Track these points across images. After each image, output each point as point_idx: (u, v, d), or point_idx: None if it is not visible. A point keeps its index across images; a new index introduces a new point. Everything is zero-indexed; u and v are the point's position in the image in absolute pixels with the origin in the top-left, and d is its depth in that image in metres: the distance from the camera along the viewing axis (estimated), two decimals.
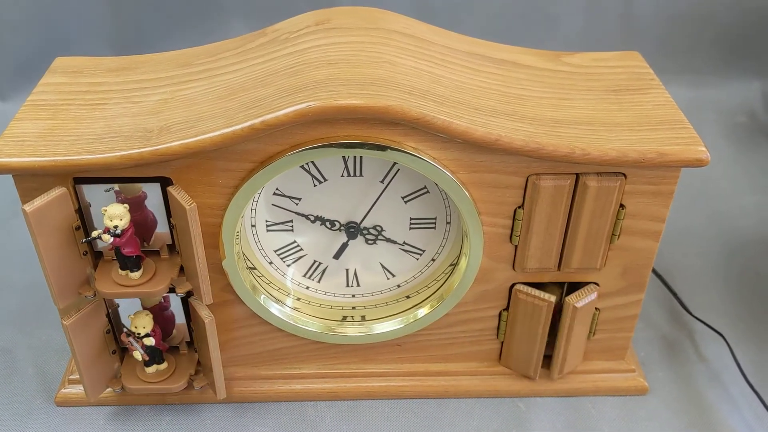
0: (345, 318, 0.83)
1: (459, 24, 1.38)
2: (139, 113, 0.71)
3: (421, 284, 0.83)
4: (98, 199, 0.71)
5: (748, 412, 0.86)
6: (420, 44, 0.75)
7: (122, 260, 0.71)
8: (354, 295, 0.84)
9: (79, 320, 0.74)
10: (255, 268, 0.80)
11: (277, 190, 0.75)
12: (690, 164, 0.68)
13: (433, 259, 0.81)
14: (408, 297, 0.83)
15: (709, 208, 1.19)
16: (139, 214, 0.72)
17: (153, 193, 0.71)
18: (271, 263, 0.81)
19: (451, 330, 0.83)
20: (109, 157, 0.66)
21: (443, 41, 0.78)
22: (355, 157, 0.73)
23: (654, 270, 0.99)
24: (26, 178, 0.68)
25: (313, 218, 0.77)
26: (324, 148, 0.67)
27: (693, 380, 0.90)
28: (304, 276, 0.83)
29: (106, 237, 0.68)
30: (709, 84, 1.42)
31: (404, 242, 0.80)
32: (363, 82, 0.66)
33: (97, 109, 0.72)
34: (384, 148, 0.67)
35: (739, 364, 0.89)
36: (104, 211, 0.68)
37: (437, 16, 1.37)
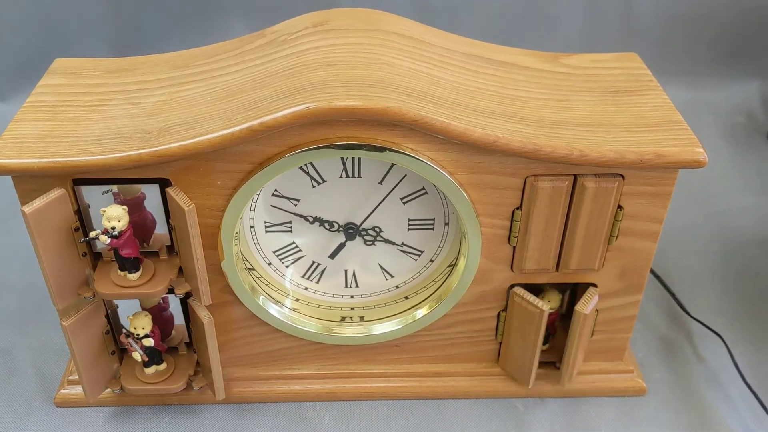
0: (344, 319, 0.83)
1: (459, 24, 1.38)
2: (138, 114, 0.71)
3: (420, 285, 0.83)
4: (97, 200, 0.71)
5: (746, 413, 0.86)
6: (418, 46, 0.75)
7: (121, 261, 0.72)
8: (353, 296, 0.84)
9: (79, 321, 0.74)
10: (254, 269, 0.80)
11: (276, 191, 0.75)
12: (687, 165, 0.69)
13: (432, 260, 0.81)
14: (407, 298, 0.83)
15: (708, 209, 1.19)
16: (138, 215, 0.72)
17: (152, 194, 0.71)
18: (270, 264, 0.81)
19: (449, 331, 0.83)
20: (108, 159, 0.66)
21: (441, 43, 0.78)
22: (354, 158, 0.73)
23: (652, 271, 0.99)
24: (25, 179, 0.68)
25: (311, 219, 0.77)
26: (322, 149, 0.67)
27: (691, 381, 0.90)
28: (303, 277, 0.83)
29: (103, 238, 0.68)
30: (707, 85, 1.42)
31: (403, 243, 0.80)
32: (361, 84, 0.66)
33: (97, 110, 0.72)
34: (382, 150, 0.67)
35: (737, 365, 0.89)
36: (103, 212, 0.68)
37: (437, 17, 1.37)
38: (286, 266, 0.82)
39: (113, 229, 0.68)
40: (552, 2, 1.37)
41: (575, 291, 0.84)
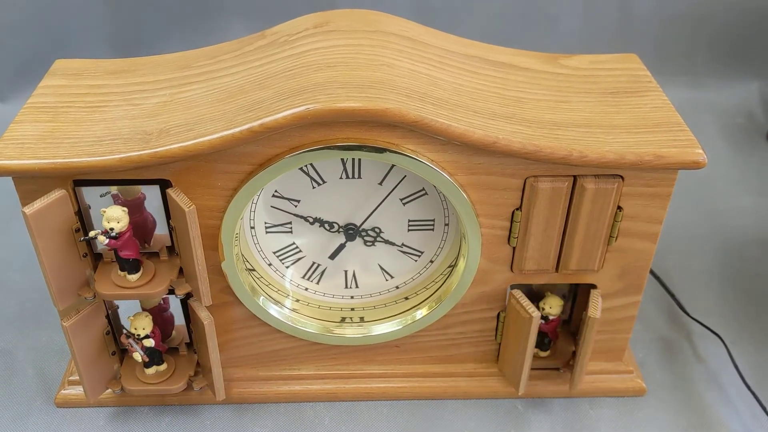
0: (344, 319, 0.83)
1: (459, 25, 1.38)
2: (139, 115, 0.71)
3: (420, 285, 0.83)
4: (98, 201, 0.71)
5: (746, 413, 0.86)
6: (418, 47, 0.75)
7: (121, 262, 0.72)
8: (353, 297, 0.84)
9: (79, 322, 0.74)
10: (254, 270, 0.80)
11: (276, 192, 0.76)
12: (687, 166, 0.69)
13: (432, 261, 0.81)
14: (406, 298, 0.83)
15: (707, 210, 1.19)
16: (139, 216, 0.72)
17: (152, 195, 0.71)
18: (270, 265, 0.81)
19: (449, 331, 0.84)
20: (108, 160, 0.66)
21: (441, 44, 0.78)
22: (354, 159, 0.73)
23: (652, 271, 0.99)
24: (26, 180, 0.68)
25: (312, 220, 0.77)
26: (322, 150, 0.67)
27: (691, 381, 0.90)
28: (303, 277, 0.83)
29: (102, 238, 0.68)
30: (707, 85, 1.42)
31: (403, 244, 0.80)
32: (361, 85, 0.66)
33: (97, 111, 0.72)
34: (382, 151, 0.67)
35: (736, 365, 0.89)
36: (103, 212, 0.68)
37: (437, 17, 1.37)
38: (287, 267, 0.82)
39: (112, 230, 0.68)
40: (551, 3, 1.37)
41: (576, 295, 0.84)
